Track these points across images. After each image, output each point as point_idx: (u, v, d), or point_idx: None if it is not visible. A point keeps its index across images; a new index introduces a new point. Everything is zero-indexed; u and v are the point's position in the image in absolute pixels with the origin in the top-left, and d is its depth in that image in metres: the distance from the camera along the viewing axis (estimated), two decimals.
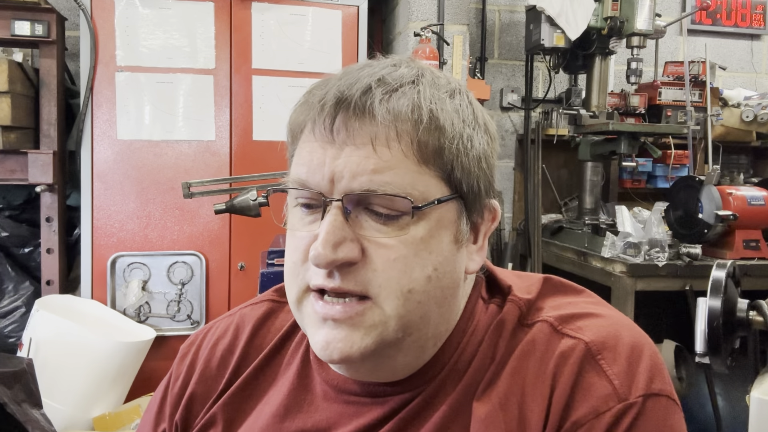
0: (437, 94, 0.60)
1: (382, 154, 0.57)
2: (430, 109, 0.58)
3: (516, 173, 3.46)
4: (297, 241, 0.61)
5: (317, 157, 0.58)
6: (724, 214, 2.33)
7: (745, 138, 3.36)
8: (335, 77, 0.60)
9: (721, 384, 2.40)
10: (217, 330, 0.77)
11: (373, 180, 0.56)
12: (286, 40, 2.65)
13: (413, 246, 0.58)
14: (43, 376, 1.98)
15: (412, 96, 0.58)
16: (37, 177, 2.45)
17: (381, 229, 0.58)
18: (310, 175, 0.59)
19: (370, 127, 0.57)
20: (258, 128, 2.64)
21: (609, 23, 2.76)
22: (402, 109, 0.57)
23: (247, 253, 2.62)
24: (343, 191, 0.57)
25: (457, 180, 0.60)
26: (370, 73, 0.59)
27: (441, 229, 0.60)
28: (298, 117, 0.62)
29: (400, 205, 0.57)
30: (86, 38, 2.49)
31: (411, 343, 0.61)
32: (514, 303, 0.66)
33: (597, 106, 2.96)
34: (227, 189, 1.86)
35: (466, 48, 2.80)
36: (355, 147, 0.57)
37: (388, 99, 0.58)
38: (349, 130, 0.57)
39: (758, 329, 1.48)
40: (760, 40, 3.80)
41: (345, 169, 0.57)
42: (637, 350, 0.60)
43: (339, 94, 0.57)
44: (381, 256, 0.57)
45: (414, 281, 0.58)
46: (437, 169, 0.59)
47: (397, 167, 0.57)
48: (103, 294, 2.53)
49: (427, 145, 0.58)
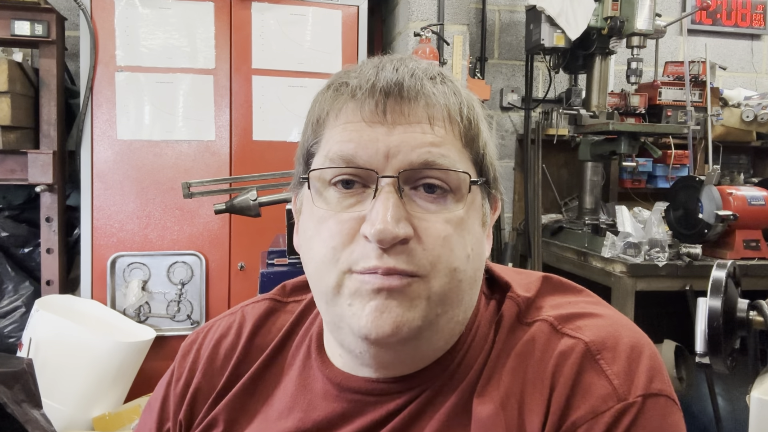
0: (458, 88, 0.63)
1: (438, 131, 0.59)
2: (468, 99, 0.63)
3: (516, 173, 3.46)
4: (337, 225, 0.59)
5: (366, 134, 0.59)
6: (724, 214, 2.33)
7: (745, 138, 3.36)
8: (362, 67, 0.62)
9: (721, 384, 2.40)
10: (218, 328, 0.77)
11: (432, 152, 0.58)
12: (286, 40, 2.65)
13: (458, 225, 0.60)
14: (43, 376, 1.98)
15: (453, 87, 0.62)
16: (37, 177, 2.45)
17: (430, 208, 0.59)
18: (360, 150, 0.59)
19: (424, 107, 0.59)
20: (258, 128, 2.64)
21: (609, 23, 2.76)
22: (449, 95, 0.61)
23: (247, 253, 2.62)
24: (399, 166, 0.58)
25: (486, 167, 0.64)
26: (396, 67, 0.61)
27: (474, 211, 0.62)
28: (330, 102, 0.62)
29: (454, 180, 0.59)
30: (86, 38, 2.49)
31: (444, 324, 0.61)
32: (513, 300, 0.66)
33: (597, 106, 2.96)
34: (227, 189, 1.86)
35: (466, 48, 2.80)
36: (409, 125, 0.59)
37: (434, 84, 0.61)
38: (403, 110, 0.59)
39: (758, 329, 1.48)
40: (760, 40, 3.80)
41: (402, 143, 0.58)
42: (636, 350, 0.60)
43: (388, 78, 0.59)
44: (431, 234, 0.58)
45: (458, 259, 0.59)
46: (473, 153, 0.63)
47: (450, 145, 0.60)
48: (103, 294, 2.53)
49: (469, 130, 0.62)
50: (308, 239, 0.62)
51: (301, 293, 0.78)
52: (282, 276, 1.67)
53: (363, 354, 0.62)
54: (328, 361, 0.68)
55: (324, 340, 0.70)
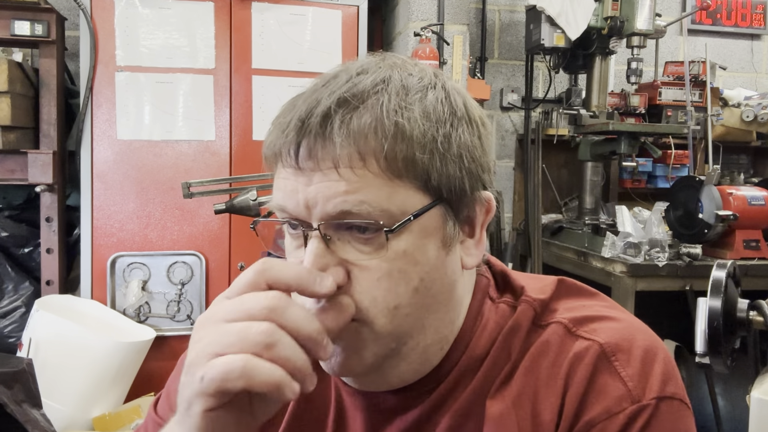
0: (405, 101, 0.57)
1: (349, 176, 0.55)
2: (395, 121, 0.56)
3: (516, 173, 3.46)
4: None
5: (290, 184, 0.58)
6: (724, 214, 2.33)
7: (745, 138, 3.36)
8: (303, 96, 0.59)
9: (721, 384, 2.40)
10: None
11: (347, 200, 0.55)
12: (286, 40, 2.65)
13: (397, 261, 0.57)
14: (43, 376, 1.98)
15: (375, 111, 0.56)
16: (37, 177, 2.45)
17: (362, 249, 0.57)
18: (287, 200, 0.58)
19: (331, 151, 0.55)
20: (258, 128, 2.64)
21: (609, 23, 2.76)
22: (363, 128, 0.55)
23: (247, 253, 2.62)
24: (320, 216, 0.56)
25: (434, 187, 0.58)
26: (332, 90, 0.57)
27: (425, 239, 0.58)
28: (270, 143, 0.61)
29: (373, 225, 0.56)
30: (86, 38, 2.48)
31: (409, 351, 0.61)
32: (528, 303, 0.66)
33: (597, 106, 2.96)
34: (227, 189, 1.86)
35: (466, 48, 2.80)
36: (322, 173, 0.56)
37: (350, 120, 0.56)
38: (313, 156, 0.56)
39: (758, 329, 1.48)
40: (760, 40, 3.80)
41: (318, 195, 0.56)
42: (651, 353, 0.61)
43: (299, 122, 0.56)
44: (365, 277, 0.57)
45: (399, 296, 0.58)
46: (412, 179, 0.57)
47: (369, 186, 0.55)
48: (102, 294, 2.53)
49: (396, 159, 0.56)
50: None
51: None
52: None
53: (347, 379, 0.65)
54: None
55: None
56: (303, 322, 0.51)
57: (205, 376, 0.49)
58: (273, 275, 0.54)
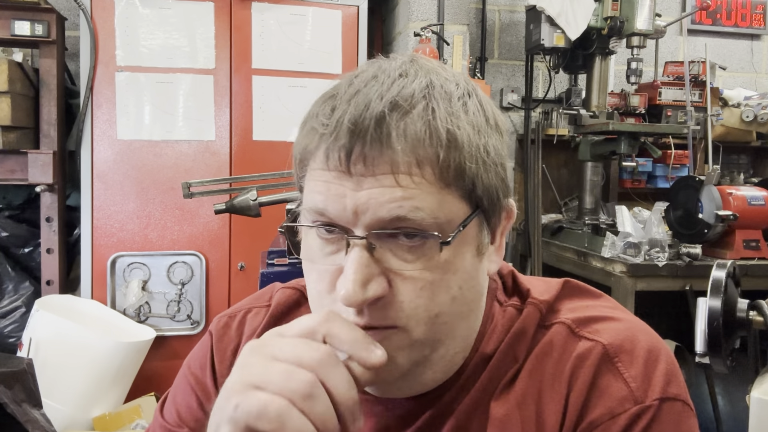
0: (451, 108, 0.57)
1: (406, 182, 0.54)
2: (447, 129, 0.55)
3: (516, 173, 3.46)
4: (320, 274, 0.59)
5: (335, 188, 0.55)
6: (724, 214, 2.33)
7: (745, 138, 3.36)
8: (343, 96, 0.56)
9: (721, 384, 2.40)
10: (256, 316, 0.76)
11: (403, 206, 0.54)
12: (286, 40, 2.65)
13: (439, 271, 0.57)
14: (43, 376, 1.98)
15: (428, 118, 0.55)
16: (37, 177, 2.45)
17: (406, 258, 0.56)
18: (330, 204, 0.56)
19: (390, 156, 0.54)
20: (258, 128, 2.64)
21: (609, 23, 2.76)
22: (419, 135, 0.54)
23: (247, 253, 2.62)
24: (369, 222, 0.55)
25: (478, 196, 0.58)
26: (380, 93, 0.55)
27: (464, 247, 0.58)
28: (307, 142, 0.58)
29: (433, 227, 0.55)
30: (86, 38, 2.49)
31: (439, 358, 0.61)
32: (535, 306, 0.66)
33: (597, 106, 2.96)
34: (227, 189, 1.87)
35: (466, 48, 2.80)
36: (375, 178, 0.54)
37: (405, 125, 0.54)
38: (367, 162, 0.54)
39: (758, 329, 1.48)
40: (760, 40, 3.80)
41: (370, 200, 0.54)
42: (653, 354, 0.61)
43: (352, 125, 0.54)
44: (408, 287, 0.56)
45: (440, 305, 0.57)
46: (459, 189, 0.57)
47: (422, 193, 0.55)
48: (103, 294, 2.53)
49: (449, 168, 0.55)
50: (304, 263, 0.62)
51: None
52: (282, 276, 1.67)
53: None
54: None
55: None
56: (343, 387, 0.51)
57: (240, 405, 0.49)
58: (332, 331, 0.53)
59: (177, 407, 0.75)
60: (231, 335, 0.75)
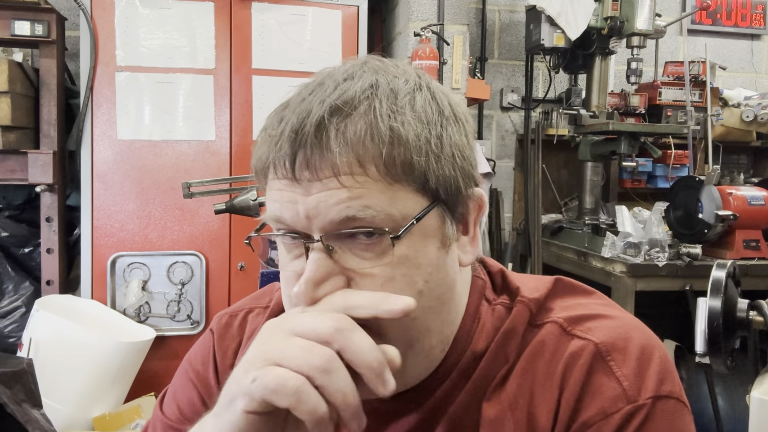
0: (395, 105, 0.57)
1: (350, 183, 0.55)
2: (390, 126, 0.56)
3: (516, 173, 3.46)
4: (287, 278, 0.61)
5: (287, 195, 0.57)
6: (724, 214, 2.33)
7: (745, 138, 3.36)
8: (292, 103, 0.58)
9: (721, 384, 2.40)
10: (256, 317, 0.76)
11: (351, 206, 0.55)
12: (286, 40, 2.65)
13: (400, 266, 0.57)
14: (43, 376, 1.98)
15: (369, 117, 0.56)
16: (37, 177, 2.45)
17: (364, 255, 0.56)
18: (285, 211, 0.57)
19: (330, 160, 0.55)
20: (258, 128, 2.62)
21: (609, 23, 2.76)
22: (360, 135, 0.55)
23: (247, 253, 2.62)
24: (322, 225, 0.56)
25: (433, 188, 0.58)
26: (322, 98, 0.56)
27: (425, 240, 0.58)
28: (260, 154, 0.59)
29: (387, 223, 0.56)
30: (86, 38, 2.49)
31: (415, 355, 0.60)
32: (524, 304, 0.66)
33: (597, 106, 2.97)
34: (227, 189, 1.87)
35: (466, 48, 2.80)
36: (321, 182, 0.55)
37: (345, 127, 0.55)
38: (311, 167, 0.55)
39: (758, 329, 1.48)
40: (760, 40, 3.80)
41: (319, 204, 0.55)
42: (647, 352, 0.60)
43: (293, 133, 0.55)
44: (368, 285, 0.56)
45: None
46: (411, 183, 0.57)
47: (370, 191, 0.55)
48: (103, 294, 2.53)
49: (394, 164, 0.56)
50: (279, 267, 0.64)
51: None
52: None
53: None
54: None
55: None
56: (366, 348, 0.51)
57: (258, 379, 0.49)
58: (349, 303, 0.54)
59: (178, 403, 0.75)
60: (233, 333, 0.76)
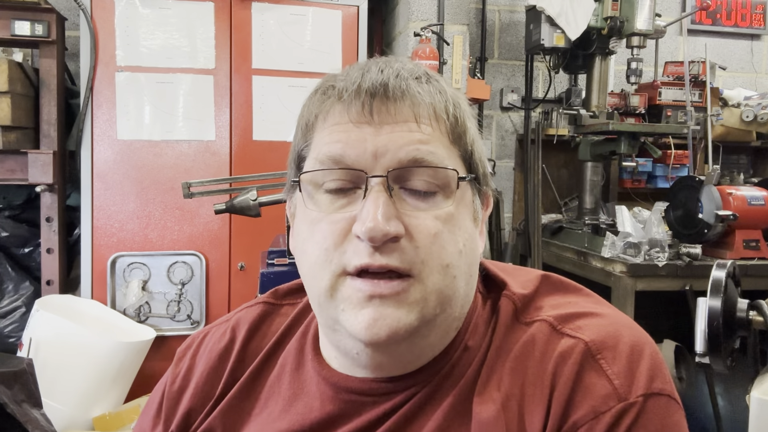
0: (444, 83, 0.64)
1: (425, 129, 0.60)
2: (452, 94, 0.63)
3: (516, 173, 3.46)
4: (329, 226, 0.60)
5: (354, 134, 0.59)
6: (724, 214, 2.33)
7: (745, 138, 3.36)
8: (349, 70, 0.63)
9: (721, 384, 2.40)
10: (213, 335, 0.76)
11: (420, 149, 0.59)
12: (286, 40, 2.65)
13: (448, 221, 0.60)
14: (43, 376, 1.98)
15: (436, 84, 0.63)
16: (37, 177, 2.45)
17: (419, 206, 0.60)
18: (348, 150, 0.59)
19: (410, 106, 0.60)
20: (258, 128, 2.64)
21: (609, 23, 2.76)
22: (434, 94, 0.61)
23: (247, 253, 2.62)
24: (387, 165, 0.59)
25: (475, 163, 0.65)
26: (386, 63, 0.62)
27: (464, 207, 0.63)
28: (318, 105, 0.63)
29: (442, 178, 0.60)
30: (86, 38, 2.49)
31: (442, 321, 0.61)
32: (509, 298, 0.66)
33: (597, 106, 2.96)
34: (227, 189, 1.86)
35: (466, 48, 2.80)
36: (396, 124, 0.59)
37: (419, 84, 0.61)
38: (389, 110, 0.59)
39: (758, 329, 1.48)
40: (760, 40, 3.80)
41: (390, 142, 0.59)
42: (637, 350, 0.60)
43: (373, 80, 0.60)
44: (422, 232, 0.58)
45: (450, 255, 0.60)
46: (461, 150, 0.63)
47: (437, 142, 0.60)
48: (103, 294, 2.53)
49: (456, 127, 0.63)
50: (302, 242, 0.63)
51: (296, 296, 0.77)
52: (282, 276, 1.67)
53: (359, 355, 0.62)
54: (324, 363, 0.68)
55: (320, 342, 0.70)
56: None
57: None
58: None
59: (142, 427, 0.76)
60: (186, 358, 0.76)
